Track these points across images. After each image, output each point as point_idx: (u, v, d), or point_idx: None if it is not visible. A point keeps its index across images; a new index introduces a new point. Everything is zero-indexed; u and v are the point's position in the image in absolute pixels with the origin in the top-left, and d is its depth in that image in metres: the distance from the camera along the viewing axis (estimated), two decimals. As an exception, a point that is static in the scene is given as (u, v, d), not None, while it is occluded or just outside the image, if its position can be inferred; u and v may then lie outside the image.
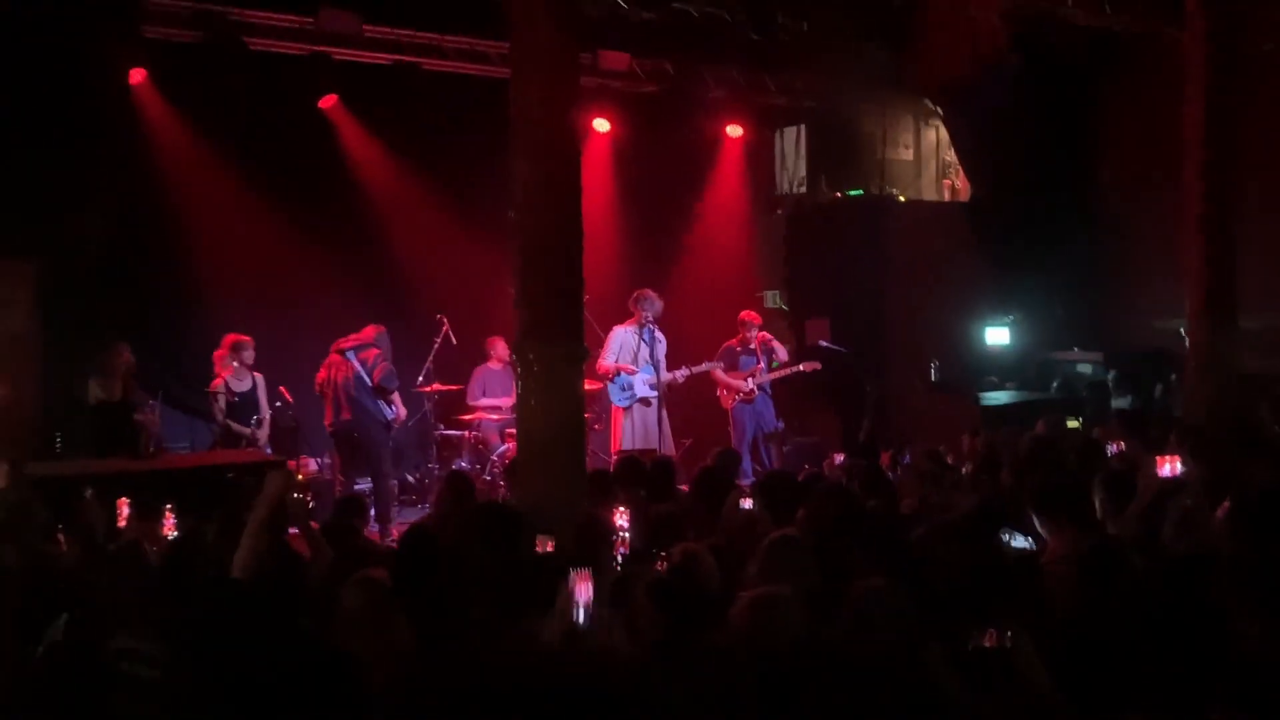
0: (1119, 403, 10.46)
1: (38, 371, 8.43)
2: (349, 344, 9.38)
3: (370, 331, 9.50)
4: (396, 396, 9.56)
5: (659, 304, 10.10)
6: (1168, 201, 9.55)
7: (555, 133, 6.14)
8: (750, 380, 10.44)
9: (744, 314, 10.68)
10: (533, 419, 6.13)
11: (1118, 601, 3.68)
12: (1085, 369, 11.43)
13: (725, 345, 10.59)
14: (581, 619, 3.60)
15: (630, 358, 9.98)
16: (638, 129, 11.79)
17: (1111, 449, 6.79)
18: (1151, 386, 10.71)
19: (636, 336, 9.99)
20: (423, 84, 10.44)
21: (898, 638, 3.40)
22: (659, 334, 10.11)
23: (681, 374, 10.29)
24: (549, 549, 4.68)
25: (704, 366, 10.42)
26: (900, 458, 7.82)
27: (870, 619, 3.52)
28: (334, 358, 9.37)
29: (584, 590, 3.64)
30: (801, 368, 10.59)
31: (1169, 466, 5.40)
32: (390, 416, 9.50)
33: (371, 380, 9.32)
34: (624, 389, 10.01)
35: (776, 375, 10.55)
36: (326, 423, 9.42)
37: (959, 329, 11.85)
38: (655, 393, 10.01)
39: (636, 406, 10.02)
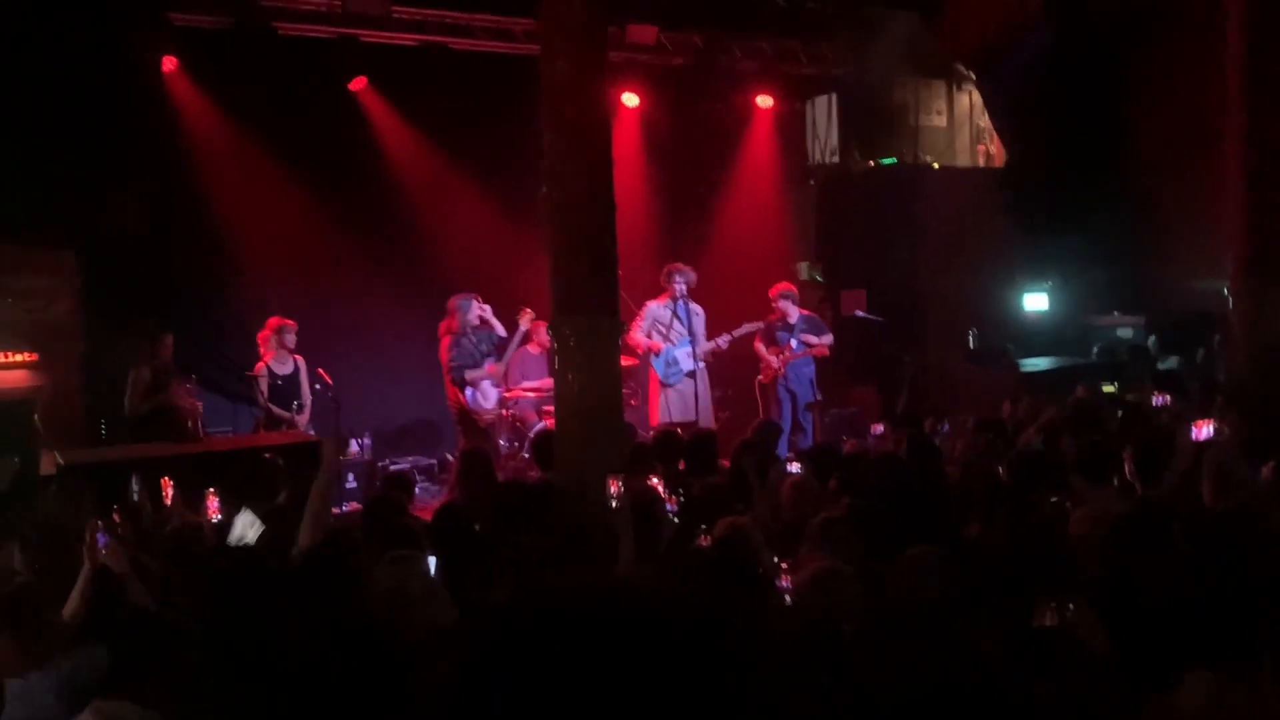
0: (1165, 365, 10.33)
1: (81, 360, 8.54)
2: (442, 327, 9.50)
3: (450, 306, 9.54)
4: (480, 379, 9.57)
5: (691, 275, 10.03)
6: (1206, 162, 9.39)
7: (585, 107, 6.12)
8: (778, 359, 10.35)
9: (778, 287, 10.46)
10: (569, 393, 6.14)
11: (1163, 561, 3.65)
12: (1125, 333, 11.30)
13: (768, 319, 10.46)
14: None
15: (662, 333, 9.95)
16: (667, 102, 11.73)
17: (1157, 401, 6.73)
18: (1194, 349, 10.57)
19: (669, 311, 9.95)
20: (451, 63, 10.44)
21: (948, 607, 3.39)
22: (695, 306, 10.05)
23: (724, 340, 10.22)
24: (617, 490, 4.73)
25: (744, 329, 10.32)
26: (939, 426, 7.77)
27: (920, 589, 3.51)
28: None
29: None
30: (812, 352, 10.40)
31: (1205, 430, 5.35)
32: (471, 404, 9.54)
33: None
34: (669, 364, 9.98)
35: (799, 356, 10.39)
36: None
37: (996, 296, 11.74)
38: (698, 364, 9.98)
39: (683, 380, 9.99)
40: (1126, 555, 3.78)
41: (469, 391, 9.54)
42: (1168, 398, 6.83)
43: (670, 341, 9.96)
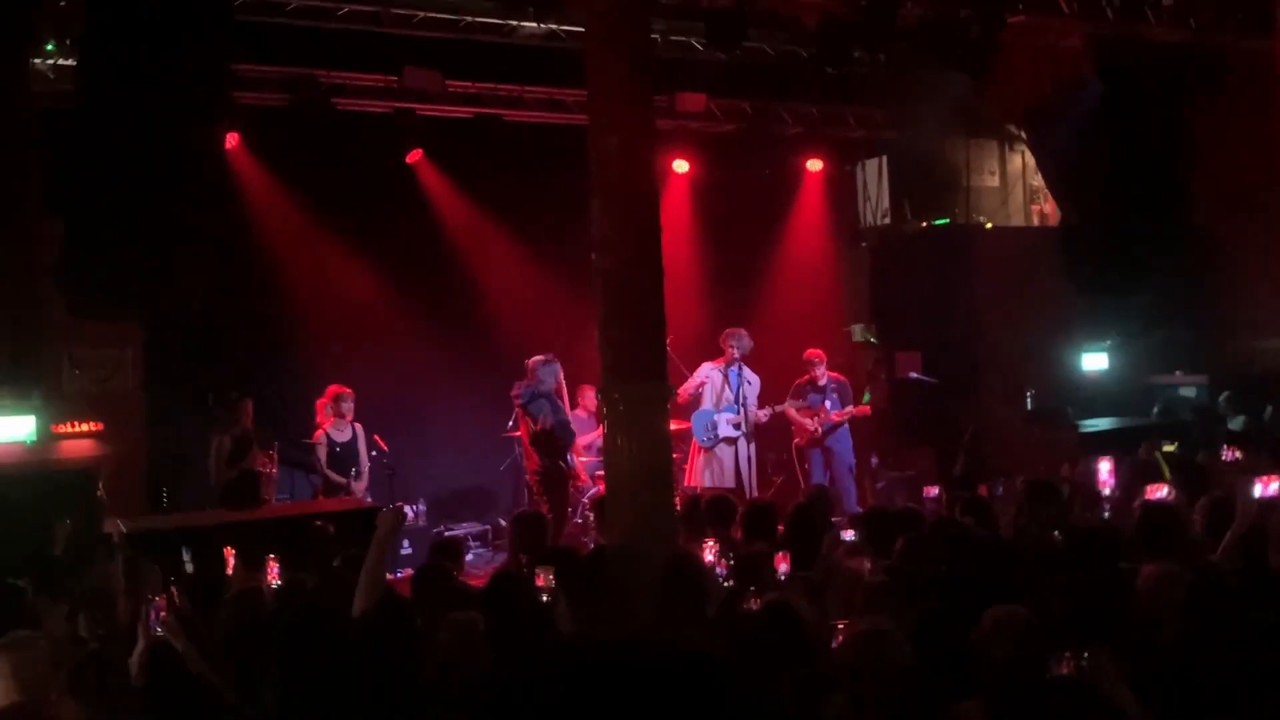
0: (1233, 425, 10.10)
1: (143, 429, 8.73)
2: (516, 391, 9.55)
3: (530, 370, 9.59)
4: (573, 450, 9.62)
5: (748, 341, 10.07)
6: (1268, 218, 9.26)
7: (633, 176, 6.21)
8: (815, 420, 10.29)
9: (809, 352, 10.53)
10: (619, 458, 6.15)
11: (1222, 626, 3.56)
12: (1188, 393, 11.08)
13: (797, 382, 10.47)
14: None
15: (714, 396, 9.96)
16: (717, 168, 11.84)
17: (1227, 456, 6.59)
18: (1260, 408, 10.33)
19: (722, 375, 9.97)
20: (505, 134, 10.66)
21: (1028, 663, 3.37)
22: (750, 374, 10.06)
23: (765, 413, 10.23)
24: None
25: (782, 407, 10.33)
26: (995, 489, 7.65)
27: (1002, 647, 3.50)
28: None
29: None
30: (854, 412, 10.40)
31: (1271, 486, 5.21)
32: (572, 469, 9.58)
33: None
34: (708, 427, 9.97)
35: (841, 416, 10.37)
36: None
37: (1054, 356, 11.59)
38: (738, 432, 9.94)
39: (720, 446, 9.96)
40: (1183, 622, 3.69)
41: (570, 456, 9.54)
42: (1238, 453, 6.68)
43: (715, 406, 9.95)
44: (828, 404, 10.29)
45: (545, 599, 4.67)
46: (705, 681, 1.12)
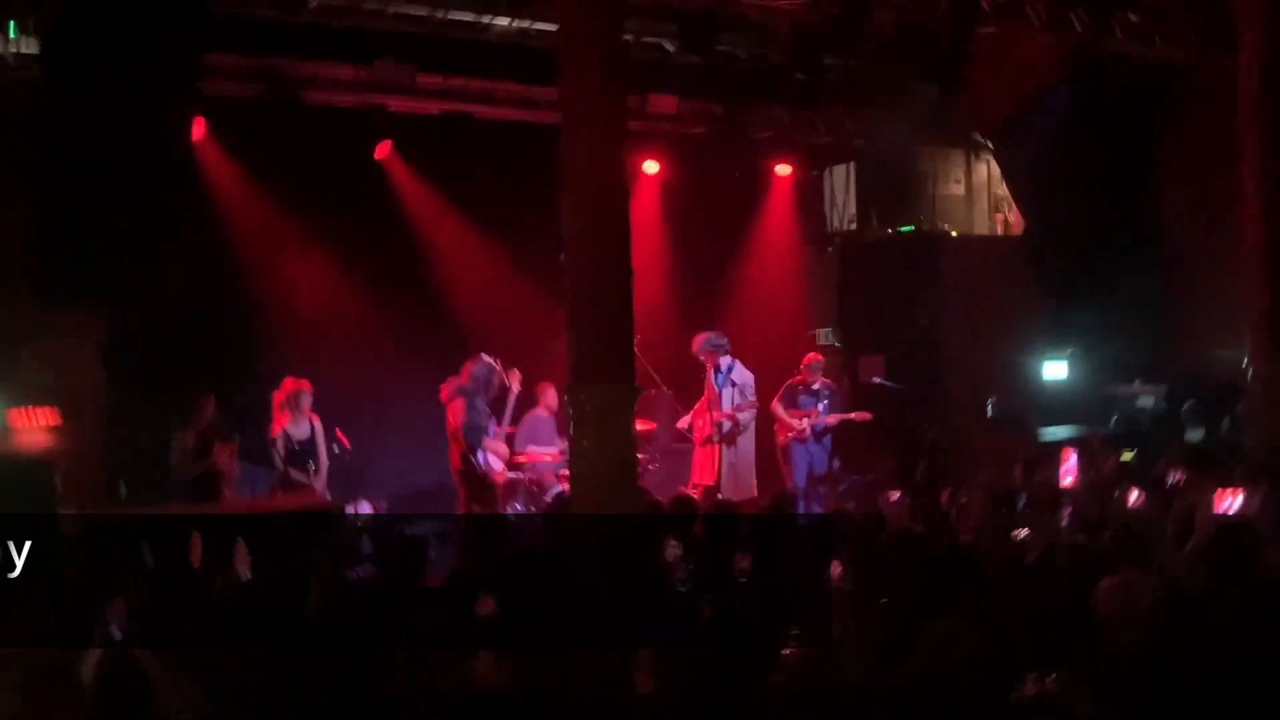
0: (1191, 435, 10.24)
1: (104, 422, 8.62)
2: (444, 391, 9.46)
3: (464, 370, 9.54)
4: (489, 446, 9.55)
5: (715, 339, 10.17)
6: (1228, 232, 9.39)
7: (604, 178, 6.22)
8: (805, 420, 10.40)
9: (810, 357, 10.68)
10: (584, 459, 6.16)
11: (1188, 640, 3.60)
12: (1147, 402, 11.22)
13: (789, 382, 10.57)
14: None
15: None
16: (687, 170, 11.86)
17: (1171, 478, 6.66)
18: (1218, 419, 10.48)
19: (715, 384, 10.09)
20: (475, 131, 10.61)
21: (972, 680, 3.34)
22: (739, 373, 10.13)
23: (747, 415, 10.27)
24: None
25: (745, 411, 10.36)
26: (957, 496, 7.71)
27: (944, 660, 3.46)
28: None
29: None
30: (853, 417, 10.55)
31: (1230, 501, 5.28)
32: (482, 467, 9.53)
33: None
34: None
35: (831, 420, 10.49)
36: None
37: (1015, 364, 11.71)
38: (719, 433, 10.07)
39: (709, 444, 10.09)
40: (1148, 638, 3.72)
41: (480, 455, 9.53)
42: (1182, 476, 6.75)
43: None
44: (820, 407, 10.40)
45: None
46: None
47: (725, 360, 10.12)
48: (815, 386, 10.51)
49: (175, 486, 8.55)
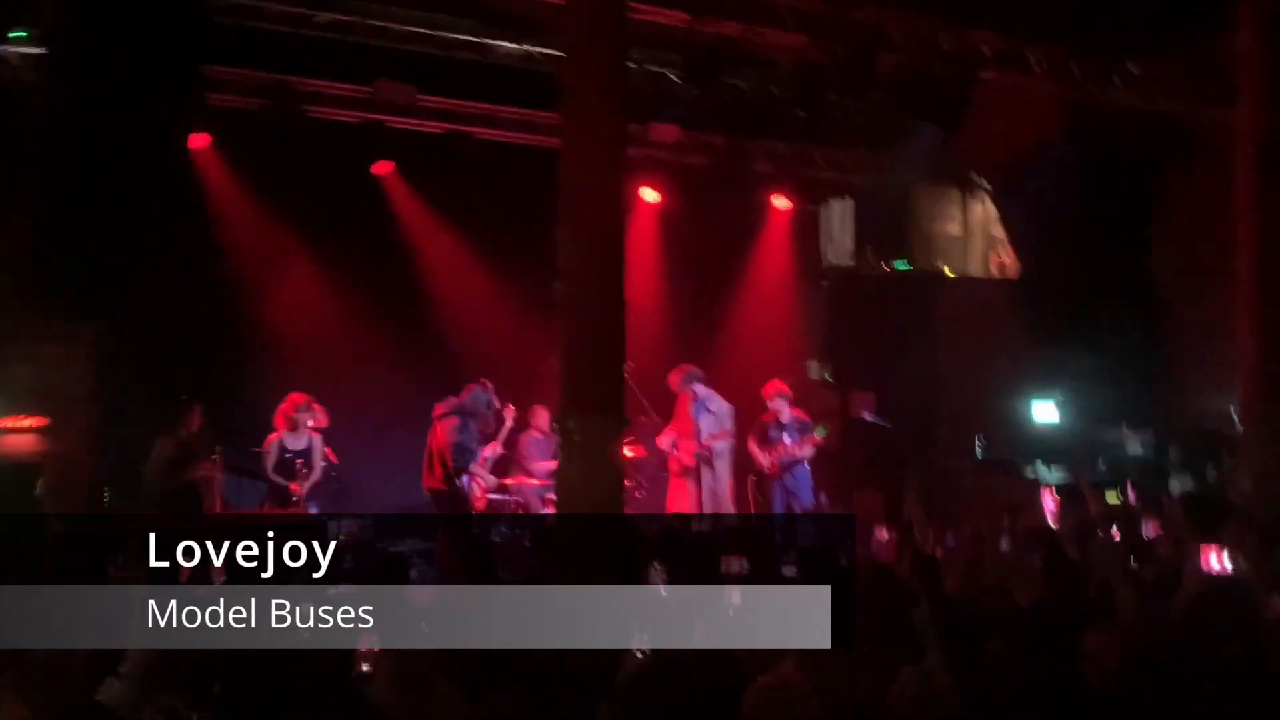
0: (1176, 483, 10.25)
1: (93, 430, 8.58)
2: (439, 407, 9.43)
3: (465, 391, 9.51)
4: (476, 472, 9.53)
5: (691, 374, 10.19)
6: (1221, 283, 9.44)
7: (601, 206, 6.24)
8: (771, 455, 10.29)
9: (772, 387, 10.36)
10: (572, 488, 6.15)
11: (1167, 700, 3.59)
12: (1135, 448, 11.25)
13: (760, 419, 10.48)
14: None
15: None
16: (685, 199, 11.90)
17: (1146, 530, 6.63)
18: (1203, 468, 10.51)
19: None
20: (476, 152, 10.65)
21: None
22: (715, 403, 10.13)
23: (722, 444, 10.25)
24: None
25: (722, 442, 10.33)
26: (943, 538, 7.71)
27: (919, 707, 3.44)
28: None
29: None
30: (809, 443, 10.34)
31: (1215, 559, 5.25)
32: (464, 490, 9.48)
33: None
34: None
35: (796, 451, 10.29)
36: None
37: (1006, 405, 11.73)
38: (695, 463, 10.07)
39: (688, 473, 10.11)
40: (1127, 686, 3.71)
41: (464, 478, 9.51)
42: (1158, 527, 6.72)
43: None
44: (786, 439, 10.26)
45: None
46: None
47: (701, 389, 10.12)
48: (784, 420, 10.35)
49: (149, 495, 8.47)
